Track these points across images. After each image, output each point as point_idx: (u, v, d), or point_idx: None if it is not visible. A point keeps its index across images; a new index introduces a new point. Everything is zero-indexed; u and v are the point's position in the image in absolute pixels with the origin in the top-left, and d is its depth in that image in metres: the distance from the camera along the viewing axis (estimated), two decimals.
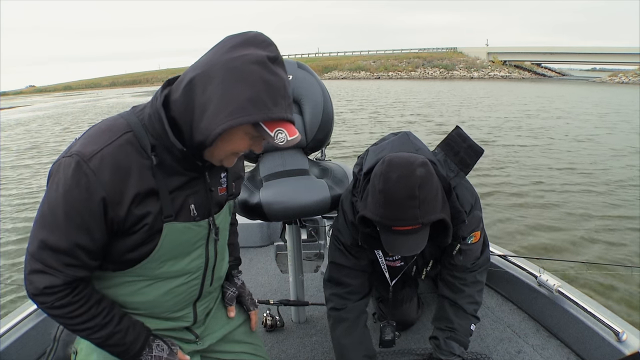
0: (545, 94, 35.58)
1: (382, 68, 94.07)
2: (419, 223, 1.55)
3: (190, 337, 1.49)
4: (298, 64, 2.50)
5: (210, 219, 1.34)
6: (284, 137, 1.09)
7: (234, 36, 1.12)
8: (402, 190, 1.52)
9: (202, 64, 1.10)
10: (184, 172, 1.23)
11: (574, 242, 5.82)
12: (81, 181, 1.08)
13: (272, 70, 1.07)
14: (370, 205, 1.62)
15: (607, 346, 2.01)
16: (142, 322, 1.33)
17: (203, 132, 1.08)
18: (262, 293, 3.01)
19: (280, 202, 2.10)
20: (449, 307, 1.99)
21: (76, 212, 1.10)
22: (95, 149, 1.10)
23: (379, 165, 1.62)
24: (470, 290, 1.98)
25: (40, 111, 40.82)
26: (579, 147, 12.77)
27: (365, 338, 1.99)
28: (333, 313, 2.02)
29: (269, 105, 1.05)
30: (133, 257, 1.22)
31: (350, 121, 18.43)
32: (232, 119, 1.04)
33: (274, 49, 1.11)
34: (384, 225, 1.60)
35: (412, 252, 1.63)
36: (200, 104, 1.08)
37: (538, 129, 16.14)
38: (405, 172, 1.53)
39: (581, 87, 51.38)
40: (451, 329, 1.95)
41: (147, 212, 1.17)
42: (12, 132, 22.65)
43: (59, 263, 1.13)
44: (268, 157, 2.45)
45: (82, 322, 1.20)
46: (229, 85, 1.05)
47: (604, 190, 8.27)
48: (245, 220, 2.34)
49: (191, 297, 1.41)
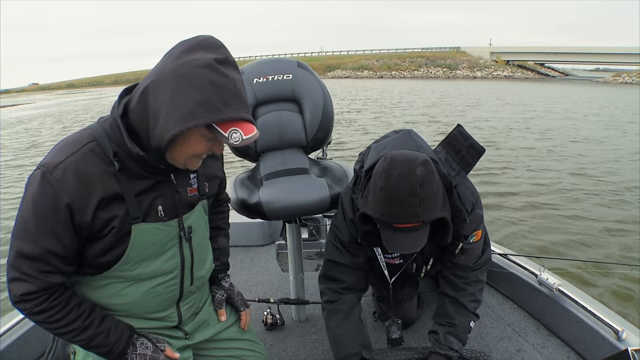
0: (552, 94, 35.06)
1: (385, 67, 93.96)
2: (419, 221, 1.56)
3: (179, 334, 1.51)
4: (298, 62, 2.50)
5: (179, 219, 1.36)
6: (238, 137, 1.11)
7: (184, 42, 1.15)
8: (403, 188, 1.52)
9: (154, 71, 1.13)
10: (149, 176, 1.26)
11: (584, 242, 5.78)
12: (47, 191, 1.14)
13: (221, 72, 1.09)
14: (371, 202, 1.63)
15: (607, 345, 2.01)
16: (125, 322, 1.36)
17: (157, 138, 1.12)
18: (263, 292, 3.02)
19: (280, 201, 2.11)
20: (450, 304, 1.99)
21: (44, 221, 1.16)
22: (59, 160, 1.16)
23: (381, 162, 1.63)
24: (471, 289, 1.99)
25: (42, 109, 40.80)
26: (590, 149, 12.35)
27: (360, 328, 1.99)
28: (327, 305, 2.04)
29: (219, 107, 1.08)
30: (106, 260, 1.26)
31: (356, 121, 18.29)
32: (181, 124, 1.07)
33: (223, 51, 1.14)
34: (384, 222, 1.61)
35: (412, 249, 1.64)
36: (154, 111, 1.11)
37: (547, 130, 15.89)
38: (406, 170, 1.54)
39: (585, 87, 51.02)
40: (451, 324, 1.95)
41: (113, 216, 1.21)
42: (12, 130, 22.67)
43: (33, 270, 1.18)
44: (268, 156, 2.46)
45: (64, 325, 1.25)
46: (178, 90, 1.08)
47: (613, 191, 8.15)
48: (247, 219, 2.34)
49: (172, 298, 1.43)
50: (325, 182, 2.23)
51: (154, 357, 1.36)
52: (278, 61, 2.55)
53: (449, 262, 2.00)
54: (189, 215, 1.39)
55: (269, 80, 2.43)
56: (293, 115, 2.45)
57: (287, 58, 2.66)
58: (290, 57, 2.67)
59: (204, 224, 1.50)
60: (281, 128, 2.43)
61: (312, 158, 2.59)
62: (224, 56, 1.13)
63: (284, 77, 2.44)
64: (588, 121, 18.37)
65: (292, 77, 2.44)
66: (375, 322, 2.59)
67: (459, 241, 1.91)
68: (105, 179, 1.19)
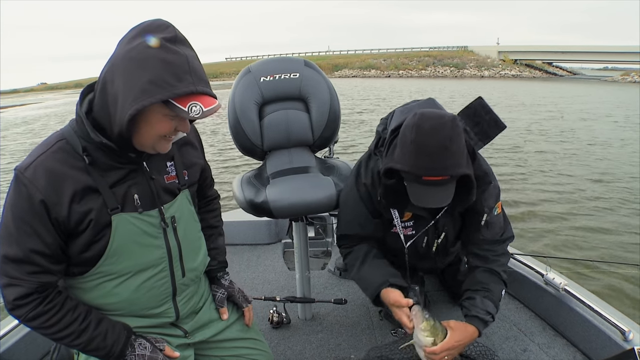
0: (563, 94, 34.30)
1: (393, 66, 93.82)
2: (448, 174, 1.61)
3: (178, 332, 1.52)
4: (305, 61, 2.51)
5: (161, 208, 1.37)
6: (198, 110, 1.13)
7: (133, 28, 1.17)
8: (434, 141, 1.57)
9: (109, 60, 1.16)
10: (121, 166, 1.29)
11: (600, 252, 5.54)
12: (21, 191, 1.18)
13: (171, 49, 1.11)
14: (400, 156, 1.67)
15: (614, 345, 2.00)
16: (122, 323, 1.37)
17: (117, 123, 1.14)
18: (269, 290, 3.03)
19: (286, 200, 2.12)
20: (483, 273, 1.99)
21: (23, 221, 1.18)
22: (30, 162, 1.20)
23: (410, 118, 1.66)
24: (503, 260, 2.03)
25: (48, 109, 40.90)
26: (610, 153, 11.57)
27: (379, 265, 2.02)
28: (346, 261, 2.14)
29: (172, 82, 1.10)
30: (90, 255, 1.28)
31: (369, 122, 17.90)
32: (136, 103, 1.09)
33: (171, 29, 1.15)
34: (414, 175, 1.64)
35: (440, 204, 1.69)
36: (113, 97, 1.14)
37: (566, 131, 15.28)
38: (437, 124, 1.58)
39: (594, 86, 50.47)
40: (486, 290, 1.94)
41: (89, 209, 1.23)
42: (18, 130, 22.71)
43: (21, 273, 1.20)
44: (275, 154, 2.47)
45: (60, 329, 1.26)
46: (130, 73, 1.10)
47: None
48: (253, 218, 2.35)
49: (166, 292, 1.43)
50: (331, 180, 2.24)
51: (153, 357, 1.37)
52: (285, 60, 2.55)
53: (476, 239, 2.02)
54: (170, 205, 1.40)
55: (276, 78, 2.44)
56: (300, 114, 2.46)
57: (294, 57, 2.67)
58: (298, 57, 2.68)
59: (190, 215, 1.51)
60: (288, 127, 2.43)
61: (318, 157, 2.60)
62: (172, 34, 1.14)
63: (291, 75, 2.44)
64: (604, 122, 17.79)
65: (299, 75, 2.45)
66: (381, 320, 2.59)
67: (484, 213, 1.95)
68: (76, 174, 1.21)
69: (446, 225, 2.09)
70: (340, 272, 3.17)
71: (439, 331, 1.73)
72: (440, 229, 2.10)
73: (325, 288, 3.03)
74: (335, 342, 2.42)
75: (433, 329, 1.71)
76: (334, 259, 3.35)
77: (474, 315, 1.87)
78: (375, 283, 1.93)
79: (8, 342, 2.02)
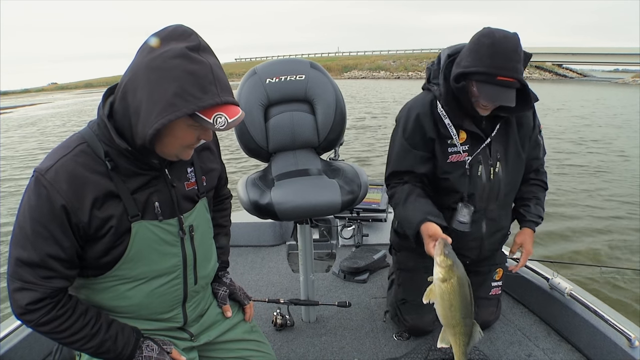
0: (583, 96, 32.91)
1: (402, 68, 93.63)
2: (518, 78, 1.82)
3: (184, 335, 1.51)
4: (311, 63, 2.51)
5: (180, 217, 1.36)
6: (223, 121, 1.11)
7: (155, 34, 1.15)
8: (509, 44, 1.79)
9: (130, 69, 1.14)
10: (143, 172, 1.27)
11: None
12: (41, 194, 1.15)
13: (195, 59, 1.09)
14: (474, 60, 1.86)
15: (619, 351, 1.99)
16: (130, 326, 1.36)
17: (140, 135, 1.12)
18: (273, 292, 3.03)
19: (292, 202, 2.12)
20: (534, 186, 2.34)
21: (41, 224, 1.16)
22: (51, 164, 1.17)
23: (481, 31, 1.88)
24: (545, 173, 2.39)
25: (59, 108, 41.07)
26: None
27: (420, 203, 2.07)
28: (392, 201, 2.23)
29: (198, 95, 1.08)
30: (108, 260, 1.26)
31: (387, 128, 16.11)
32: (162, 117, 1.07)
33: (194, 37, 1.13)
34: (489, 74, 1.82)
35: (511, 102, 1.85)
36: (134, 108, 1.12)
37: (605, 141, 13.38)
38: (507, 34, 1.82)
39: (605, 88, 49.86)
40: (537, 199, 2.32)
41: (110, 215, 1.21)
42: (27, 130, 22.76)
43: (35, 277, 1.18)
44: (280, 156, 2.47)
45: (72, 334, 1.24)
46: (154, 85, 1.08)
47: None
48: (258, 220, 2.35)
49: (177, 298, 1.43)
50: (337, 183, 2.23)
51: (160, 359, 1.36)
52: (291, 61, 2.56)
53: (534, 160, 2.32)
54: (189, 214, 1.39)
55: (282, 80, 2.44)
56: (305, 115, 2.46)
57: (299, 59, 2.67)
58: (307, 58, 2.68)
59: (207, 223, 1.50)
60: (293, 128, 2.43)
61: (323, 159, 2.59)
62: (196, 43, 1.12)
63: (296, 77, 2.44)
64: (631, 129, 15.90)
65: (304, 77, 2.45)
66: (385, 322, 2.58)
67: (539, 127, 2.28)
68: (98, 178, 1.20)
69: (499, 151, 2.14)
70: (345, 275, 3.16)
71: (454, 274, 1.62)
72: (494, 157, 2.14)
73: (329, 291, 3.02)
74: (339, 345, 2.42)
75: (448, 269, 1.61)
76: (338, 262, 3.34)
77: (529, 220, 2.27)
78: (417, 219, 1.95)
79: (10, 343, 2.02)
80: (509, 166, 2.17)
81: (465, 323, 1.64)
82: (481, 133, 2.09)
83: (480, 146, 2.10)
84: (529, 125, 2.20)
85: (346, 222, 3.68)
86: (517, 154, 2.18)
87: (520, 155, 2.18)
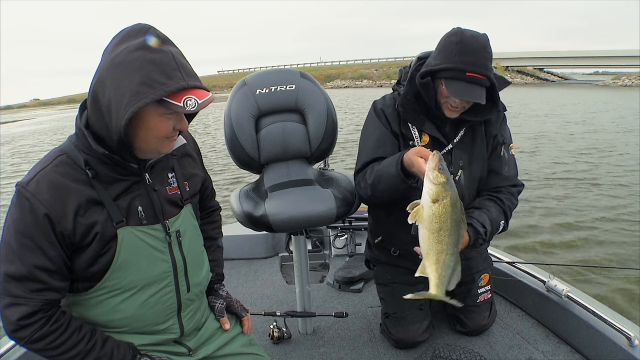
0: (568, 101, 32.60)
1: (385, 76, 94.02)
2: (487, 75, 1.82)
3: (182, 350, 1.49)
4: (301, 73, 2.51)
5: (166, 222, 1.36)
6: (194, 103, 1.14)
7: (115, 36, 1.18)
8: (477, 42, 1.82)
9: (96, 72, 1.17)
10: (123, 178, 1.29)
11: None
12: (24, 206, 1.16)
13: (155, 49, 1.12)
14: (442, 58, 1.87)
15: (619, 351, 1.99)
16: (126, 342, 1.34)
17: (115, 130, 1.14)
18: (268, 305, 2.99)
19: (286, 213, 2.10)
20: (488, 200, 2.14)
21: (26, 236, 1.16)
22: (31, 176, 1.19)
23: (450, 31, 1.90)
24: (511, 200, 2.16)
25: (41, 125, 40.75)
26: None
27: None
28: (363, 183, 2.11)
29: (163, 81, 1.10)
30: (96, 269, 1.26)
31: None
32: (131, 106, 1.09)
33: (152, 31, 1.16)
34: (458, 70, 1.82)
35: (480, 99, 1.84)
36: (106, 107, 1.14)
37: (602, 145, 13.03)
38: (475, 33, 1.85)
39: (587, 90, 50.27)
40: (488, 210, 2.07)
41: (94, 221, 1.22)
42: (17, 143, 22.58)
43: (25, 290, 1.17)
44: (272, 167, 2.46)
45: (66, 350, 1.23)
46: (119, 79, 1.11)
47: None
48: (249, 232, 2.33)
49: (171, 307, 1.41)
50: (331, 192, 2.22)
51: None
52: (281, 72, 2.55)
53: (494, 174, 2.18)
54: (175, 219, 1.39)
55: (272, 90, 2.43)
56: (297, 126, 2.45)
57: (290, 69, 2.66)
58: (291, 68, 2.68)
59: (194, 229, 1.50)
60: (285, 139, 2.42)
61: (315, 169, 2.58)
62: (154, 35, 1.15)
63: (287, 87, 2.44)
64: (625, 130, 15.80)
65: (295, 87, 2.44)
66: (382, 334, 2.56)
67: (503, 143, 2.17)
68: (79, 186, 1.21)
69: (462, 159, 2.11)
70: (340, 285, 3.13)
71: (448, 193, 1.48)
72: (456, 164, 2.11)
73: (325, 301, 3.00)
74: (338, 355, 2.39)
75: (441, 187, 1.47)
76: (332, 272, 3.32)
77: (470, 223, 1.96)
78: (395, 157, 1.89)
79: (16, 354, 1.95)
80: (473, 174, 2.15)
81: (452, 252, 1.53)
82: (442, 138, 2.08)
83: (441, 151, 2.04)
84: (493, 134, 2.16)
85: (338, 232, 3.65)
86: (484, 163, 2.16)
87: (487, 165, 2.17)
